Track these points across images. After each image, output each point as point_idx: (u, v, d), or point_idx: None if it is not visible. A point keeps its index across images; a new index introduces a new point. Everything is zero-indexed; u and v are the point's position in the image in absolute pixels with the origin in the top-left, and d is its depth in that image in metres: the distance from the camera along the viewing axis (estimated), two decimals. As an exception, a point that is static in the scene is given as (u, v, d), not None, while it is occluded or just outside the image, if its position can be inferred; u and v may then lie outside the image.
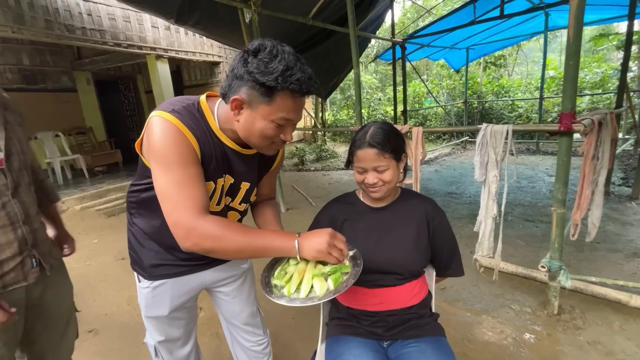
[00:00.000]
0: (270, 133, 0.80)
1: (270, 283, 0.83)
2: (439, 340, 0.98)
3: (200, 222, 0.74)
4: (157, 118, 0.78)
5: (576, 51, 1.50)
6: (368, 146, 0.97)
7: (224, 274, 1.13)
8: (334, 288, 0.78)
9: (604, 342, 1.66)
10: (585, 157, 1.88)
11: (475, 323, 1.88)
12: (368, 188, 1.01)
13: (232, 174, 0.93)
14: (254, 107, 0.77)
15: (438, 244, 1.06)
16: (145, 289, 1.01)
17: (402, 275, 1.03)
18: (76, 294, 2.50)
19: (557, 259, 1.80)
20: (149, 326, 1.08)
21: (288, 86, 0.73)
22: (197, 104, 0.86)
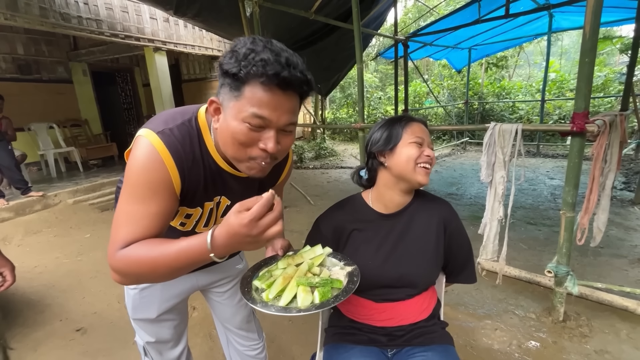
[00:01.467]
0: (243, 138, 0.64)
1: (251, 283, 0.73)
2: (446, 349, 0.92)
3: (113, 260, 0.64)
4: (144, 139, 0.68)
5: (592, 48, 1.43)
6: (420, 122, 0.94)
7: (218, 276, 1.06)
8: (318, 302, 0.67)
9: (611, 352, 1.60)
10: (595, 160, 1.82)
11: (478, 328, 1.82)
12: (423, 165, 0.90)
13: (227, 195, 0.84)
14: (226, 108, 0.65)
15: (453, 250, 0.99)
16: (132, 291, 0.94)
17: (416, 289, 0.95)
18: (64, 291, 2.43)
19: (564, 264, 1.74)
20: (137, 328, 1.01)
21: (250, 69, 0.60)
22: (194, 120, 0.74)
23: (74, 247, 3.19)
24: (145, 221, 0.66)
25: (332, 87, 6.92)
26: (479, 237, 2.01)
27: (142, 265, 0.63)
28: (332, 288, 0.70)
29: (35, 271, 2.71)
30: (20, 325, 2.02)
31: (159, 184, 0.67)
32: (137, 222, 0.66)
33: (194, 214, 0.82)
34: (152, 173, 0.67)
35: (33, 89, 5.91)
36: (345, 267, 0.78)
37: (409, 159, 0.89)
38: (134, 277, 0.67)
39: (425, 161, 0.90)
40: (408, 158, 0.89)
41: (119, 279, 0.66)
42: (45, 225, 3.72)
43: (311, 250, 0.82)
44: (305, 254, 0.80)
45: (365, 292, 0.96)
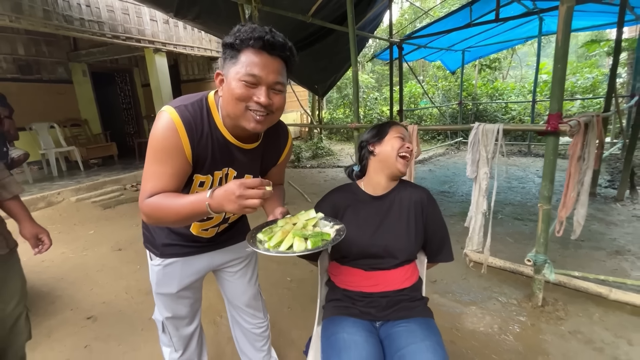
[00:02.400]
0: (239, 92, 0.80)
1: (256, 237, 0.88)
2: (427, 321, 1.05)
3: (142, 205, 0.86)
4: (164, 113, 0.85)
5: (564, 55, 1.58)
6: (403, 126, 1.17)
7: (231, 256, 1.20)
8: (310, 247, 0.82)
9: (584, 332, 1.75)
10: (572, 158, 1.98)
11: (463, 313, 1.96)
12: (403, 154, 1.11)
13: (234, 166, 0.98)
14: (227, 74, 0.82)
15: (431, 230, 1.14)
16: (156, 267, 1.08)
17: (397, 259, 1.10)
18: (73, 283, 2.55)
19: (542, 253, 1.89)
20: (158, 302, 1.15)
21: (243, 37, 0.78)
22: (205, 100, 0.90)
23: (78, 242, 3.30)
24: (164, 178, 0.86)
25: (329, 87, 7.05)
26: (467, 230, 2.16)
27: (161, 210, 0.84)
28: (322, 240, 0.85)
29: (42, 265, 2.81)
30: (32, 315, 2.11)
31: (173, 148, 0.84)
32: (157, 179, 0.85)
33: (206, 182, 0.95)
34: (168, 140, 0.84)
35: (33, 89, 5.99)
36: (334, 226, 0.93)
37: (392, 149, 1.11)
38: (155, 219, 0.86)
39: (405, 151, 1.11)
40: (392, 148, 1.11)
41: (145, 219, 0.88)
42: (50, 222, 3.82)
43: (306, 213, 0.97)
44: (301, 216, 0.95)
45: (356, 262, 1.11)
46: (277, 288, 2.32)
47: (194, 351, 1.29)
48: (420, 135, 8.91)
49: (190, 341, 1.26)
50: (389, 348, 0.98)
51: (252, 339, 1.40)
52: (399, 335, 0.99)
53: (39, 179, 5.04)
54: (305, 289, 2.30)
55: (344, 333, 1.00)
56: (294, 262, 2.69)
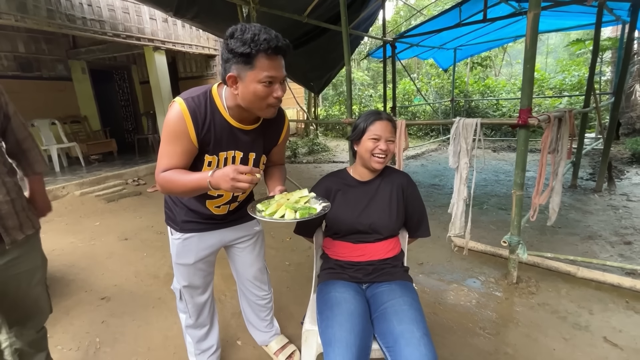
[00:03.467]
0: (262, 93, 0.96)
1: (255, 207, 1.07)
2: (406, 284, 1.25)
3: (158, 177, 1.06)
4: (175, 103, 1.04)
5: (532, 57, 1.77)
6: (385, 119, 1.25)
7: (241, 233, 1.39)
8: (299, 217, 1.01)
9: (551, 304, 1.96)
10: (543, 149, 2.18)
11: (446, 290, 2.16)
12: (376, 156, 1.24)
13: (239, 148, 1.15)
14: (243, 77, 0.94)
15: (410, 209, 1.33)
16: (176, 240, 1.27)
17: (381, 234, 1.29)
18: (84, 269, 2.73)
19: (516, 235, 2.09)
20: (176, 272, 1.33)
21: (259, 47, 0.90)
22: (209, 92, 1.08)
23: (86, 233, 3.45)
24: (175, 156, 1.05)
25: (325, 85, 7.21)
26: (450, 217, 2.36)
27: (172, 182, 1.03)
28: (309, 213, 1.04)
29: (53, 254, 2.98)
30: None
31: (180, 132, 1.03)
32: (170, 157, 1.05)
33: (213, 162, 1.12)
34: (177, 125, 1.02)
35: (34, 86, 6.09)
36: (322, 204, 1.12)
37: (366, 150, 1.25)
38: (167, 189, 1.06)
39: (378, 153, 1.24)
40: (366, 149, 1.25)
41: (159, 188, 1.07)
42: (56, 214, 3.97)
43: (299, 191, 1.16)
44: (295, 193, 1.14)
45: (346, 237, 1.30)
46: (276, 271, 2.51)
47: (207, 318, 1.47)
48: (413, 132, 9.15)
49: (203, 309, 1.44)
50: (373, 304, 1.17)
51: (257, 309, 1.60)
52: (382, 294, 1.18)
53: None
54: (302, 272, 2.49)
55: (335, 292, 1.19)
56: (292, 248, 2.89)
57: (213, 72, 7.50)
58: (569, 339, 1.69)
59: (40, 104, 6.12)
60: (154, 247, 3.04)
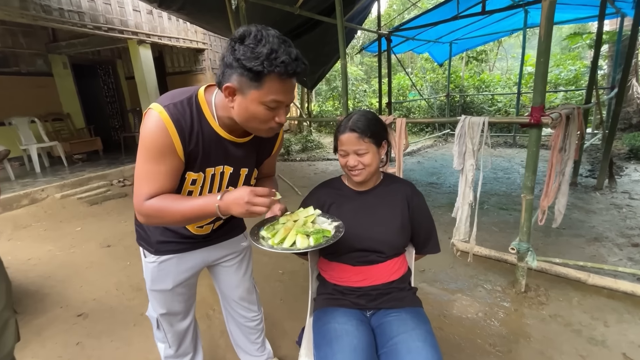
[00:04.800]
0: (263, 117, 0.83)
1: (259, 234, 0.94)
2: (417, 311, 1.09)
3: (143, 207, 0.86)
4: (152, 112, 0.84)
5: (546, 49, 1.62)
6: (349, 130, 1.07)
7: (226, 251, 1.21)
8: (313, 244, 0.87)
9: (563, 315, 1.84)
10: (553, 149, 2.04)
11: (450, 301, 2.03)
12: (350, 171, 1.11)
13: (229, 163, 0.98)
14: (245, 93, 0.80)
15: (416, 223, 1.17)
16: (151, 264, 1.09)
17: (384, 253, 1.13)
18: (62, 281, 2.52)
19: (525, 241, 1.96)
20: (152, 299, 1.15)
21: (274, 69, 0.75)
22: (194, 97, 0.89)
23: (66, 240, 3.24)
24: (160, 177, 0.86)
25: (318, 80, 7.00)
26: (454, 221, 2.22)
27: (165, 212, 0.85)
28: (324, 236, 0.91)
29: (29, 263, 2.76)
30: (21, 313, 2.11)
31: (165, 147, 0.85)
32: (153, 179, 0.86)
33: (198, 179, 0.96)
34: (160, 139, 0.84)
35: (11, 83, 5.76)
36: (332, 223, 1.00)
37: (341, 165, 1.13)
38: (157, 220, 0.88)
39: (350, 169, 1.10)
40: (341, 164, 1.14)
41: (144, 219, 0.88)
42: (34, 219, 3.74)
43: (304, 210, 1.03)
44: (301, 213, 1.01)
45: (342, 256, 1.14)
46: (269, 281, 2.35)
47: (189, 345, 1.31)
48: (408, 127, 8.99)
49: (185, 336, 1.28)
50: (380, 337, 1.02)
51: (246, 332, 1.43)
52: (390, 325, 1.03)
53: (21, 176, 4.91)
54: (297, 281, 2.33)
55: (335, 323, 1.03)
56: (285, 255, 2.72)
57: (202, 67, 7.22)
58: (586, 356, 1.57)
59: (19, 101, 5.81)
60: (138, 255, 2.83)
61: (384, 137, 1.12)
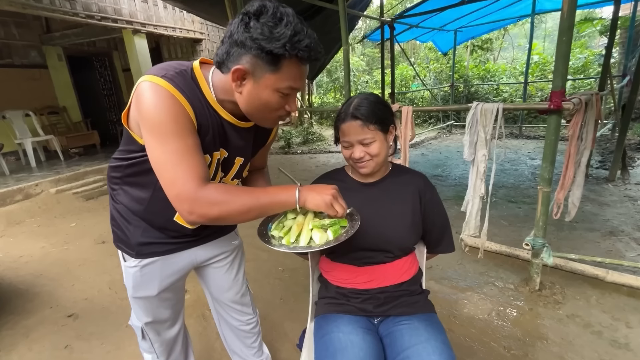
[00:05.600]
0: (275, 104, 0.76)
1: (269, 234, 0.84)
2: (430, 317, 0.98)
3: (202, 192, 0.70)
4: (148, 83, 0.70)
5: (569, 27, 1.47)
6: (352, 118, 0.94)
7: (216, 251, 1.09)
8: (333, 238, 0.78)
9: (581, 315, 1.72)
10: (571, 138, 1.90)
11: (460, 300, 1.92)
12: (356, 163, 0.98)
13: (227, 148, 0.87)
14: (258, 77, 0.71)
15: (429, 219, 1.04)
16: (132, 268, 0.96)
17: (393, 253, 1.01)
18: (53, 279, 2.43)
19: (540, 237, 1.84)
20: (135, 307, 1.03)
21: (297, 53, 0.68)
22: (190, 70, 0.78)
23: (59, 236, 3.14)
24: (193, 152, 0.72)
25: (319, 71, 6.85)
26: (463, 215, 2.09)
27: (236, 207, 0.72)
28: (341, 226, 0.82)
29: (21, 261, 2.67)
30: (9, 313, 2.01)
31: (184, 119, 0.71)
32: (188, 156, 0.71)
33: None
34: (173, 110, 0.70)
35: (5, 75, 5.63)
36: None
37: (346, 157, 1.01)
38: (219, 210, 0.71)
39: (355, 161, 0.98)
40: (345, 157, 1.01)
41: (203, 212, 0.71)
42: (28, 215, 3.64)
43: None
44: None
45: (346, 256, 1.02)
46: (268, 278, 2.24)
47: (179, 354, 1.19)
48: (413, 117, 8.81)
49: (175, 345, 1.16)
50: (390, 348, 0.90)
51: (241, 336, 1.32)
52: (402, 335, 0.91)
53: (16, 170, 4.80)
54: (298, 279, 2.23)
55: (339, 332, 0.91)
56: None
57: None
58: (609, 360, 1.45)
59: (13, 94, 5.67)
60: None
61: (391, 121, 0.98)
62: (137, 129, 0.78)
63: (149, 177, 0.82)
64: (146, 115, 0.70)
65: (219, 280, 1.16)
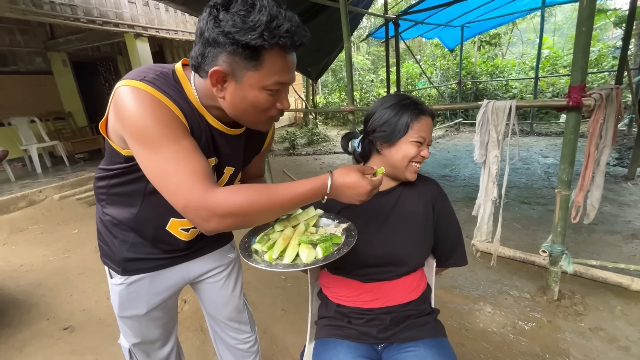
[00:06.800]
0: (264, 104, 0.67)
1: (250, 248, 0.75)
2: (439, 343, 0.87)
3: (215, 197, 0.61)
4: (126, 88, 0.63)
5: (589, 16, 1.35)
6: (429, 115, 0.88)
7: (210, 265, 1.01)
8: (322, 256, 0.69)
9: (606, 328, 1.59)
10: (591, 136, 1.77)
11: (472, 311, 1.80)
12: (413, 164, 0.89)
13: (218, 156, 0.79)
14: (240, 77, 0.63)
15: (442, 231, 0.94)
16: (118, 286, 0.88)
17: (401, 269, 0.91)
18: (51, 289, 2.37)
19: (559, 243, 1.71)
20: (123, 327, 0.96)
21: (277, 41, 0.59)
22: (172, 72, 0.70)
23: (61, 243, 3.11)
24: (191, 154, 0.64)
25: (323, 70, 6.73)
26: (473, 218, 1.98)
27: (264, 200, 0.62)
28: (333, 243, 0.73)
29: (21, 270, 2.63)
30: (5, 326, 1.97)
31: (173, 121, 0.64)
32: (188, 157, 0.63)
33: None
34: (160, 112, 0.62)
35: (10, 82, 5.66)
36: (340, 224, 0.80)
37: (405, 157, 0.87)
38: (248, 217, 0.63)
39: (419, 161, 0.89)
40: (404, 156, 0.87)
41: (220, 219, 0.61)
42: (31, 222, 3.62)
43: (304, 212, 0.82)
44: (300, 216, 0.81)
45: (351, 272, 0.92)
46: (269, 287, 2.15)
47: (171, 375, 1.11)
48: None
49: (166, 365, 1.08)
50: (394, 379, 0.80)
51: (238, 355, 1.23)
52: (407, 363, 0.81)
53: (22, 176, 4.82)
54: (301, 288, 2.13)
55: (338, 360, 0.81)
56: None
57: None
58: (639, 381, 1.33)
59: (18, 101, 5.71)
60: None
61: None
62: (118, 139, 0.71)
63: (137, 184, 0.77)
64: (129, 123, 0.62)
65: (214, 296, 1.08)
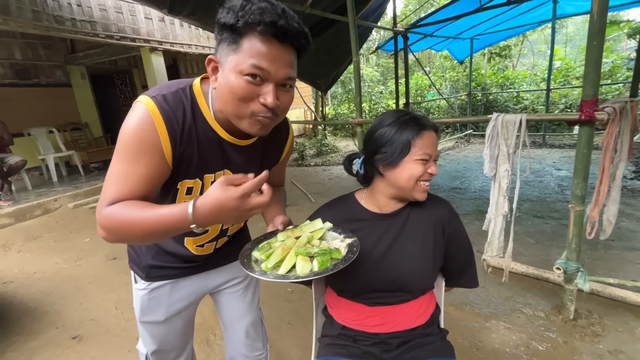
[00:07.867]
0: (242, 92, 0.64)
1: (250, 255, 0.74)
2: (448, 363, 0.85)
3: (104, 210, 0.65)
4: (138, 104, 0.69)
5: (600, 30, 1.34)
6: (432, 129, 0.83)
7: (228, 276, 1.04)
8: (317, 270, 0.68)
9: (626, 351, 1.52)
10: (605, 150, 1.73)
11: (484, 329, 1.74)
12: (422, 183, 0.83)
13: (231, 167, 0.81)
14: (224, 63, 0.65)
15: (452, 252, 0.92)
16: (141, 291, 0.93)
17: (410, 293, 0.89)
18: (62, 297, 2.40)
19: (574, 260, 1.66)
20: (143, 332, 0.99)
21: (248, 18, 0.60)
22: (189, 89, 0.73)
23: (73, 252, 3.16)
24: (132, 181, 0.67)
25: (332, 82, 6.80)
26: (483, 232, 1.94)
27: (123, 224, 0.64)
28: (332, 258, 0.71)
29: (34, 277, 2.68)
30: (16, 334, 1.99)
31: (148, 145, 0.67)
32: (125, 181, 0.67)
33: (195, 187, 0.79)
34: (143, 134, 0.67)
35: (31, 94, 5.90)
36: (345, 239, 0.78)
37: (411, 177, 0.82)
38: (114, 235, 0.66)
39: (427, 179, 0.84)
40: (410, 176, 0.82)
41: (103, 234, 0.67)
42: (46, 230, 3.71)
43: (311, 224, 0.81)
44: (305, 228, 0.80)
45: (357, 296, 0.90)
46: (276, 300, 2.14)
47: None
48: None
49: (179, 374, 1.08)
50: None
51: (247, 371, 1.22)
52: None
53: (38, 185, 4.96)
54: (308, 301, 2.11)
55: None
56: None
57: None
58: (663, 409, 1.25)
59: (38, 112, 5.93)
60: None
61: None
62: None
63: (159, 200, 0.79)
64: (122, 131, 0.69)
65: (232, 307, 1.09)
